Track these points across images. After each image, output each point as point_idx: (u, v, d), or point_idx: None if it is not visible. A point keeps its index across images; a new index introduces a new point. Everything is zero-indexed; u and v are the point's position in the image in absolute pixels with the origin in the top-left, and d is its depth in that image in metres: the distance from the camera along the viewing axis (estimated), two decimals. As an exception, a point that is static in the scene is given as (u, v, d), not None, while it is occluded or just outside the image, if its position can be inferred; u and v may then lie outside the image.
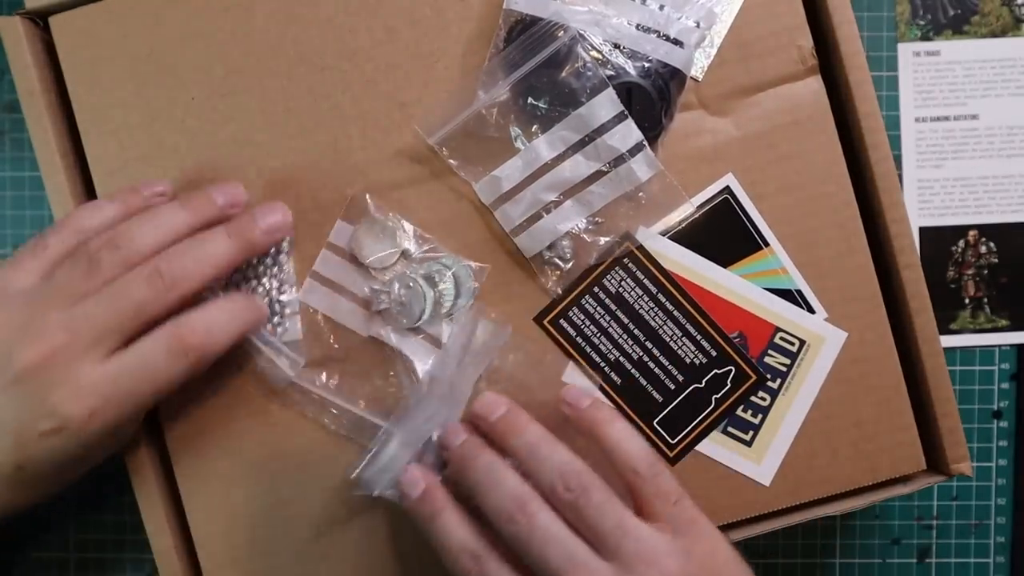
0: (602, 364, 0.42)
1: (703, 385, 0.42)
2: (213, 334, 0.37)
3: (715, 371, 0.42)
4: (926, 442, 0.43)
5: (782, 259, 0.42)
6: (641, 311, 0.42)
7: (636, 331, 0.42)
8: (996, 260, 0.53)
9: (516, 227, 0.41)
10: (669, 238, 0.42)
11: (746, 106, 0.42)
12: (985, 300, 0.53)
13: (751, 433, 0.42)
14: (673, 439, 0.42)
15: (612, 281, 0.42)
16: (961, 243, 0.53)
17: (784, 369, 0.42)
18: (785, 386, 0.42)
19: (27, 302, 0.37)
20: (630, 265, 0.42)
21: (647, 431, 0.42)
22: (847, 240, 0.42)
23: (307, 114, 0.42)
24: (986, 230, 0.53)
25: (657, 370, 0.42)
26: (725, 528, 0.43)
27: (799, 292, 0.42)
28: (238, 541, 0.42)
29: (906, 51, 0.53)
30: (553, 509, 0.36)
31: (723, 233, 0.42)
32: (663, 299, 0.42)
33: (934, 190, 0.53)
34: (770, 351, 0.42)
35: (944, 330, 0.53)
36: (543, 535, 0.35)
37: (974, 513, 0.53)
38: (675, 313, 0.42)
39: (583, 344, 0.42)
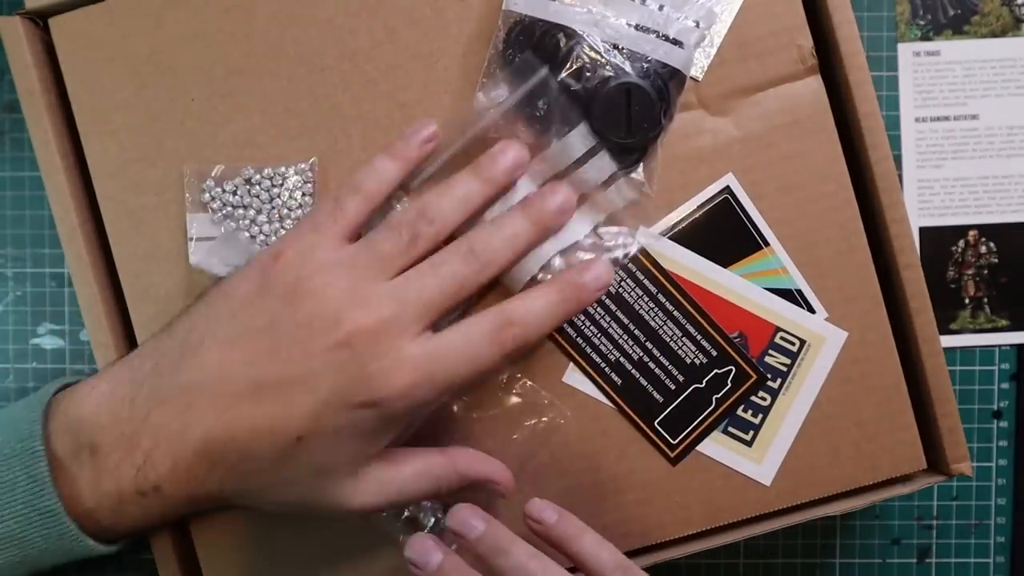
0: (603, 365, 0.42)
1: (703, 385, 0.42)
2: (533, 323, 0.37)
3: (715, 371, 0.42)
4: (926, 442, 0.43)
5: (782, 259, 0.42)
6: (641, 311, 0.42)
7: (636, 331, 0.42)
8: (996, 260, 0.53)
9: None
10: (669, 238, 0.42)
11: (746, 106, 0.42)
12: (985, 300, 0.53)
13: (751, 433, 0.42)
14: (674, 439, 0.42)
15: (612, 282, 0.42)
16: (961, 243, 0.53)
17: (784, 369, 0.42)
18: (785, 386, 0.42)
19: (350, 268, 0.36)
20: (630, 265, 0.42)
21: (648, 432, 0.42)
22: (847, 240, 0.42)
23: (307, 115, 0.42)
24: (986, 230, 0.53)
25: (657, 370, 0.42)
26: (725, 528, 0.43)
27: (799, 292, 0.42)
28: (238, 542, 0.42)
29: (906, 51, 0.53)
30: None
31: (723, 233, 0.42)
32: (663, 299, 0.42)
33: (934, 190, 0.53)
34: (770, 351, 0.42)
35: (944, 330, 0.53)
36: None
37: (974, 513, 0.53)
38: (675, 313, 0.42)
39: (583, 345, 0.42)
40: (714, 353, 0.42)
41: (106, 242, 0.42)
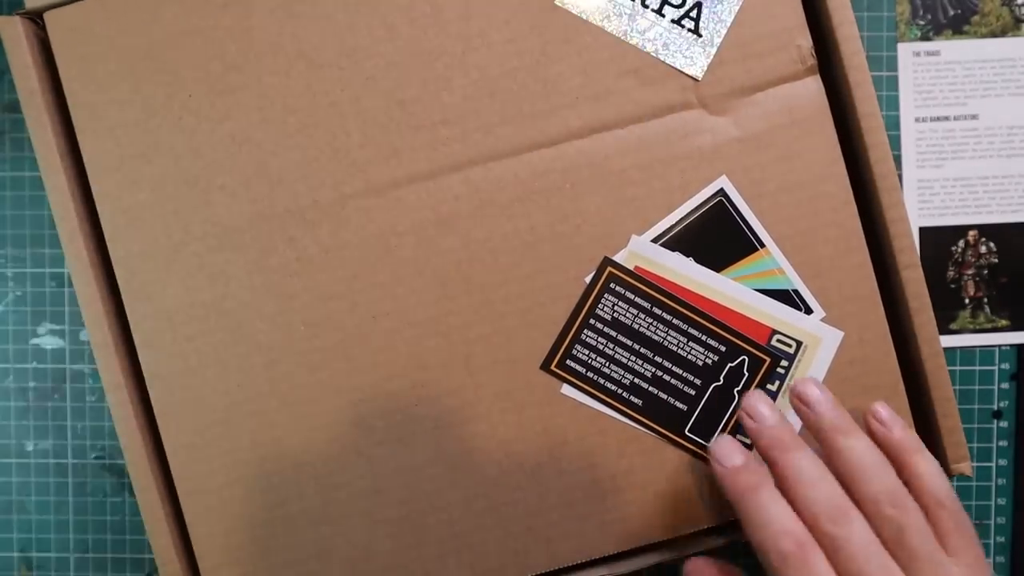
0: (620, 391, 0.42)
1: (722, 382, 0.42)
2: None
3: (729, 365, 0.42)
4: (926, 442, 0.42)
5: (778, 260, 0.42)
6: (641, 329, 0.42)
7: (643, 350, 0.42)
8: (996, 260, 0.53)
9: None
10: (663, 243, 0.42)
11: (745, 106, 0.42)
12: (985, 300, 0.53)
13: None
14: (708, 441, 0.42)
15: (605, 308, 0.42)
16: (961, 243, 0.53)
17: (783, 371, 0.42)
18: (784, 388, 0.42)
19: None
20: (617, 288, 0.42)
21: (681, 442, 0.42)
22: (846, 240, 0.42)
23: (305, 111, 0.42)
24: (986, 230, 0.53)
25: (674, 381, 0.42)
26: (725, 529, 0.42)
27: (796, 292, 0.42)
28: (237, 541, 0.42)
29: (906, 51, 0.53)
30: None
31: (718, 235, 0.42)
32: (659, 311, 0.42)
33: (934, 190, 0.53)
34: (769, 351, 0.42)
35: (944, 330, 0.53)
36: (862, 542, 0.35)
37: (974, 513, 0.53)
38: (675, 321, 0.42)
39: (595, 377, 0.42)
40: (723, 349, 0.42)
41: (105, 241, 0.42)
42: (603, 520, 0.42)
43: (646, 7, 0.42)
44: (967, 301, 0.53)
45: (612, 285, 0.42)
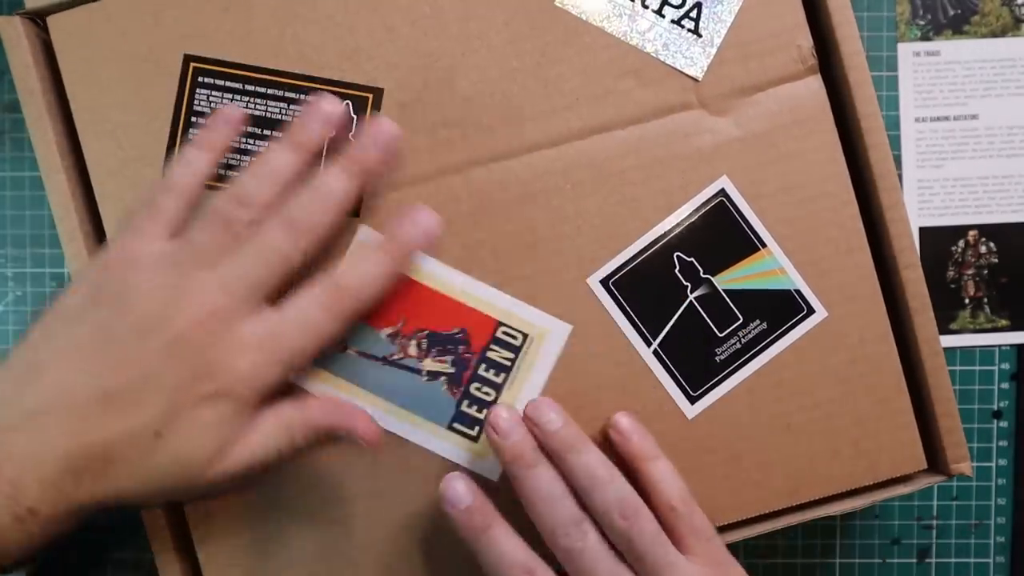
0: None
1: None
2: (365, 288, 0.38)
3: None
4: (926, 442, 0.43)
5: (780, 260, 0.42)
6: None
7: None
8: (996, 260, 0.53)
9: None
10: (663, 245, 0.42)
11: (746, 106, 0.42)
12: (985, 300, 0.53)
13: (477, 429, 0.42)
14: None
15: None
16: (961, 243, 0.53)
17: (508, 363, 0.42)
18: (510, 380, 0.42)
19: (171, 265, 0.37)
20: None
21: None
22: (847, 239, 0.42)
23: (306, 113, 0.42)
24: (986, 230, 0.53)
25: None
26: (727, 528, 0.43)
27: (798, 292, 0.42)
28: (238, 542, 0.42)
29: (906, 51, 0.53)
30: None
31: (719, 236, 0.42)
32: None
33: (934, 190, 0.53)
34: (493, 346, 0.42)
35: (944, 330, 0.53)
36: (594, 554, 0.37)
37: (974, 513, 0.53)
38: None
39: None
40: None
41: (106, 241, 0.42)
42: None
43: (646, 8, 0.42)
44: (967, 301, 0.53)
45: (201, 79, 0.41)
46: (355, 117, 0.41)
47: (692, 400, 0.42)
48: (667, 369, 0.42)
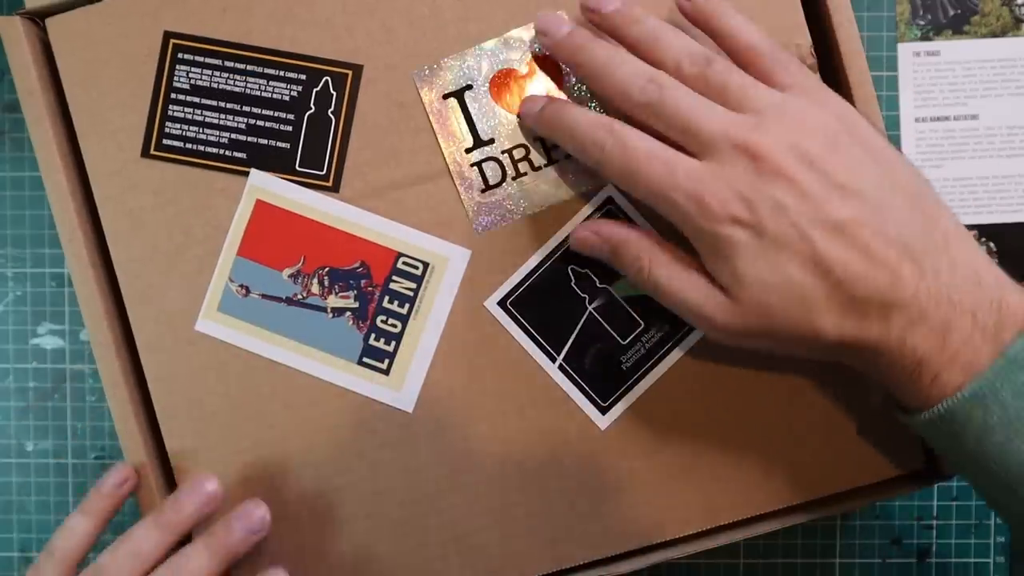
0: (220, 151, 0.42)
1: (314, 109, 0.41)
2: None
3: (315, 90, 0.41)
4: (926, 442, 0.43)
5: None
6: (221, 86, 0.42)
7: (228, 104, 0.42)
8: (996, 260, 0.53)
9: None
10: (558, 257, 0.41)
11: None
12: (985, 300, 0.53)
13: (387, 362, 0.42)
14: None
15: (181, 79, 0.42)
16: (961, 243, 0.53)
17: (411, 294, 0.42)
18: (415, 310, 0.42)
19: None
20: (187, 57, 0.41)
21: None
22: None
23: (306, 114, 0.42)
24: (986, 230, 0.53)
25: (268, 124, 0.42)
26: (725, 529, 0.43)
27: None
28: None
29: (906, 51, 0.53)
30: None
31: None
32: (232, 63, 0.41)
33: (934, 190, 0.53)
34: (394, 276, 0.42)
35: (944, 330, 0.53)
36: (676, 96, 0.35)
37: (974, 513, 0.53)
38: (249, 68, 0.41)
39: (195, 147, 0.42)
40: (303, 77, 0.42)
41: (106, 242, 0.42)
42: (604, 521, 0.42)
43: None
44: (967, 301, 0.53)
45: (181, 55, 0.41)
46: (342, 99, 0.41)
47: (603, 411, 0.42)
48: (574, 383, 0.42)
